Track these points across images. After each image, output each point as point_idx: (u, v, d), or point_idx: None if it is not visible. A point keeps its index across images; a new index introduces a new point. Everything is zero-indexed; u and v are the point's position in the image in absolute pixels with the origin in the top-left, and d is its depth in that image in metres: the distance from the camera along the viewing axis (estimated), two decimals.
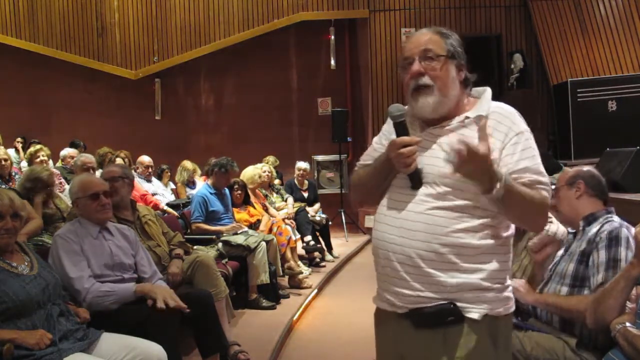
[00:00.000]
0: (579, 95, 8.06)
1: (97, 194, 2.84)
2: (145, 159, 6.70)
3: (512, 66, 8.94)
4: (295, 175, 7.40)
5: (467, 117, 1.57)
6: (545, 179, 1.53)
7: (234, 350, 3.51)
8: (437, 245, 1.51)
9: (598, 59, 8.48)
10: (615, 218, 2.31)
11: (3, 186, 4.60)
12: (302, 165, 7.37)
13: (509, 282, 1.61)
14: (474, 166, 1.40)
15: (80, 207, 2.88)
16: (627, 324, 1.90)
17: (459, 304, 1.52)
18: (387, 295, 1.60)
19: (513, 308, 1.62)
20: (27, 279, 2.27)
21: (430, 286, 1.52)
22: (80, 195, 2.87)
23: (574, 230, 2.44)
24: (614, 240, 2.17)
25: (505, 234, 1.58)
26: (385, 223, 1.60)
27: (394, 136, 1.60)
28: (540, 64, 9.14)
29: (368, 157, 1.74)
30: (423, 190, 1.55)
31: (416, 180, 1.56)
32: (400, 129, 1.58)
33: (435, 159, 1.55)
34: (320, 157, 9.83)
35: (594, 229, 2.28)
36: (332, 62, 9.62)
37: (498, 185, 1.42)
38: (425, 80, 1.57)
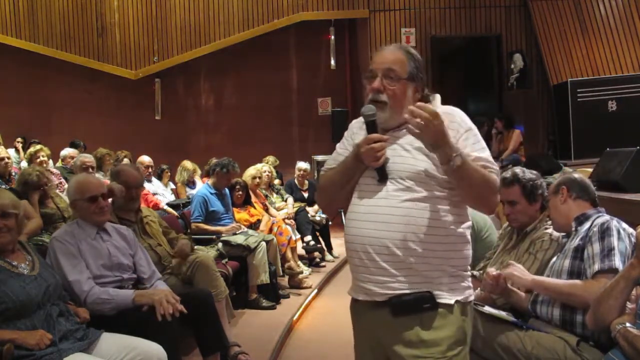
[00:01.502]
0: (579, 95, 8.04)
1: (95, 197, 2.79)
2: (145, 159, 6.71)
3: (512, 66, 8.94)
4: (295, 176, 7.39)
5: None
6: (495, 166, 1.72)
7: (234, 350, 3.50)
8: (410, 234, 1.66)
9: (598, 59, 8.47)
10: (606, 215, 2.37)
11: (3, 186, 4.61)
12: (302, 165, 7.37)
13: (469, 272, 1.78)
14: (430, 127, 1.58)
15: (78, 209, 2.84)
16: (627, 325, 1.90)
17: (434, 291, 1.67)
18: (365, 285, 1.72)
19: (473, 297, 1.78)
20: (27, 279, 2.27)
21: (406, 271, 1.67)
22: (78, 197, 2.82)
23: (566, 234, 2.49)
24: (605, 232, 2.24)
25: (466, 225, 1.75)
26: (360, 219, 1.73)
27: (359, 138, 1.77)
28: (540, 64, 9.12)
29: (333, 162, 1.89)
30: (391, 186, 1.70)
31: (383, 173, 1.71)
32: (371, 126, 1.75)
33: (398, 157, 1.72)
34: (320, 157, 9.78)
35: (586, 226, 2.34)
36: (332, 62, 9.63)
37: (454, 154, 1.60)
38: (382, 97, 1.74)
